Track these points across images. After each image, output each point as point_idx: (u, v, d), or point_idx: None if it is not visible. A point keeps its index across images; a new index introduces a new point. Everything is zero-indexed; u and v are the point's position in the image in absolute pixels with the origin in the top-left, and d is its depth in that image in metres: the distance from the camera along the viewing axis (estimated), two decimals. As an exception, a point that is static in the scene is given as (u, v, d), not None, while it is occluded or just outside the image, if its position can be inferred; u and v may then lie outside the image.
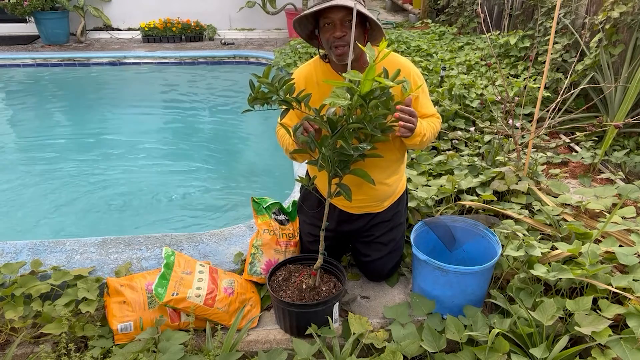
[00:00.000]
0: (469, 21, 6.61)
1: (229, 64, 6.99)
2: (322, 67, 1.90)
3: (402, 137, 1.68)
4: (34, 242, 2.40)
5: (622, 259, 1.99)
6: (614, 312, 1.75)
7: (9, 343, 1.93)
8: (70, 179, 3.90)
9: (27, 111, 5.58)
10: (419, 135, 1.76)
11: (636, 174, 3.07)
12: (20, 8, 7.03)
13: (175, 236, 2.48)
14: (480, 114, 3.76)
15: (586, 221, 2.41)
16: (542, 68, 4.37)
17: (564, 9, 4.22)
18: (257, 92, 1.58)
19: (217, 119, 5.30)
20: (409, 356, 1.77)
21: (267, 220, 2.21)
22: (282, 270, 2.08)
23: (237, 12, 7.96)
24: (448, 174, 2.81)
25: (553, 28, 2.52)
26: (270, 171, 4.09)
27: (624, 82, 3.44)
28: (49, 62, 6.74)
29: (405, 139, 1.78)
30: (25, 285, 1.95)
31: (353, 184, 1.81)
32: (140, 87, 6.43)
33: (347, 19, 1.69)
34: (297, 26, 1.81)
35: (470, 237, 2.17)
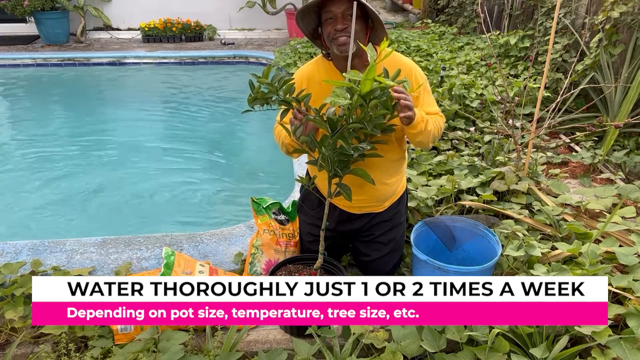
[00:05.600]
0: (469, 21, 6.61)
1: (229, 64, 6.99)
2: (324, 66, 1.90)
3: (405, 120, 1.62)
4: (34, 242, 2.40)
5: (622, 259, 1.99)
6: (614, 312, 1.75)
7: (9, 343, 1.93)
8: (70, 179, 3.90)
9: (27, 111, 5.58)
10: (421, 121, 1.72)
11: (636, 174, 3.07)
12: (20, 8, 7.03)
13: (175, 236, 2.48)
14: (480, 114, 3.76)
15: (586, 221, 2.41)
16: (542, 68, 4.37)
17: (564, 9, 4.22)
18: (257, 92, 1.58)
19: (217, 119, 5.31)
20: (409, 356, 1.77)
21: (267, 220, 2.21)
22: (282, 270, 2.08)
23: (237, 12, 7.96)
24: (448, 174, 2.81)
25: (553, 28, 2.52)
26: (270, 171, 4.09)
27: (624, 82, 3.44)
28: (49, 62, 6.74)
29: (408, 129, 1.73)
30: (25, 285, 1.95)
31: (354, 185, 1.81)
32: (140, 87, 6.43)
33: (348, 12, 1.69)
34: (300, 21, 1.81)
35: (470, 237, 2.17)
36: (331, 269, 2.07)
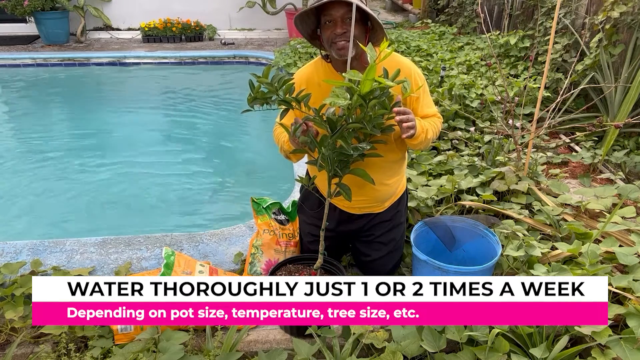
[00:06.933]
0: (469, 21, 6.62)
1: (229, 64, 6.99)
2: (323, 68, 1.90)
3: (407, 137, 1.66)
4: (34, 242, 2.40)
5: (622, 259, 1.99)
6: (614, 312, 1.75)
7: (9, 343, 1.93)
8: (70, 179, 3.90)
9: (27, 111, 5.57)
10: (422, 133, 1.76)
11: (636, 174, 3.07)
12: (20, 8, 7.03)
13: (175, 236, 2.48)
14: (480, 114, 3.76)
15: (586, 221, 2.41)
16: (542, 68, 4.37)
17: (564, 9, 4.22)
18: (256, 92, 1.58)
19: (217, 118, 5.30)
20: (409, 356, 1.77)
21: (267, 221, 2.21)
22: (282, 270, 2.08)
23: (237, 12, 7.96)
24: (448, 174, 2.81)
25: (553, 28, 2.52)
26: (270, 171, 4.09)
27: (624, 82, 3.44)
28: (49, 62, 6.74)
29: (409, 141, 1.78)
30: (25, 285, 1.95)
31: (354, 185, 1.81)
32: (140, 87, 6.43)
33: (347, 16, 1.68)
34: (298, 24, 1.81)
35: (470, 237, 2.17)
36: (331, 269, 2.07)
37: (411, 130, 1.63)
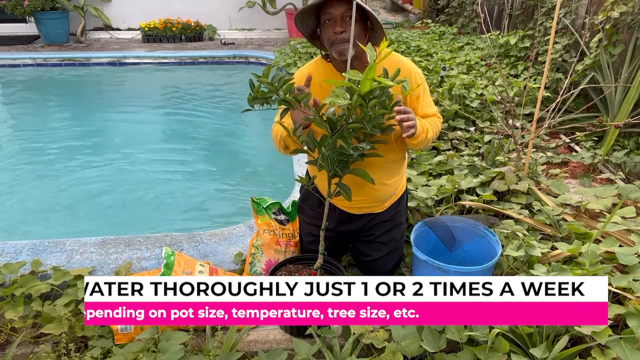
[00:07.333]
0: (469, 21, 6.62)
1: (229, 64, 6.99)
2: (324, 68, 1.89)
3: (408, 136, 1.66)
4: (34, 242, 2.40)
5: (622, 259, 1.99)
6: (614, 312, 1.75)
7: (9, 343, 1.93)
8: (70, 179, 3.90)
9: (27, 111, 5.58)
10: (422, 132, 1.76)
11: (636, 174, 3.07)
12: (20, 8, 7.03)
13: (175, 236, 2.48)
14: (480, 114, 3.76)
15: (586, 221, 2.41)
16: (542, 68, 4.37)
17: (564, 9, 4.22)
18: (256, 91, 1.58)
19: (217, 118, 5.31)
20: (409, 356, 1.77)
21: (267, 221, 2.21)
22: (282, 270, 2.08)
23: (237, 12, 7.96)
24: (448, 174, 2.81)
25: (553, 28, 2.52)
26: (270, 171, 4.09)
27: (624, 82, 3.44)
28: (49, 62, 6.74)
29: (410, 141, 1.78)
30: (25, 285, 1.96)
31: (354, 185, 1.81)
32: (140, 87, 6.43)
33: (347, 14, 1.68)
34: (298, 24, 1.80)
35: (470, 237, 2.17)
36: (331, 269, 2.07)
37: (412, 130, 1.62)
